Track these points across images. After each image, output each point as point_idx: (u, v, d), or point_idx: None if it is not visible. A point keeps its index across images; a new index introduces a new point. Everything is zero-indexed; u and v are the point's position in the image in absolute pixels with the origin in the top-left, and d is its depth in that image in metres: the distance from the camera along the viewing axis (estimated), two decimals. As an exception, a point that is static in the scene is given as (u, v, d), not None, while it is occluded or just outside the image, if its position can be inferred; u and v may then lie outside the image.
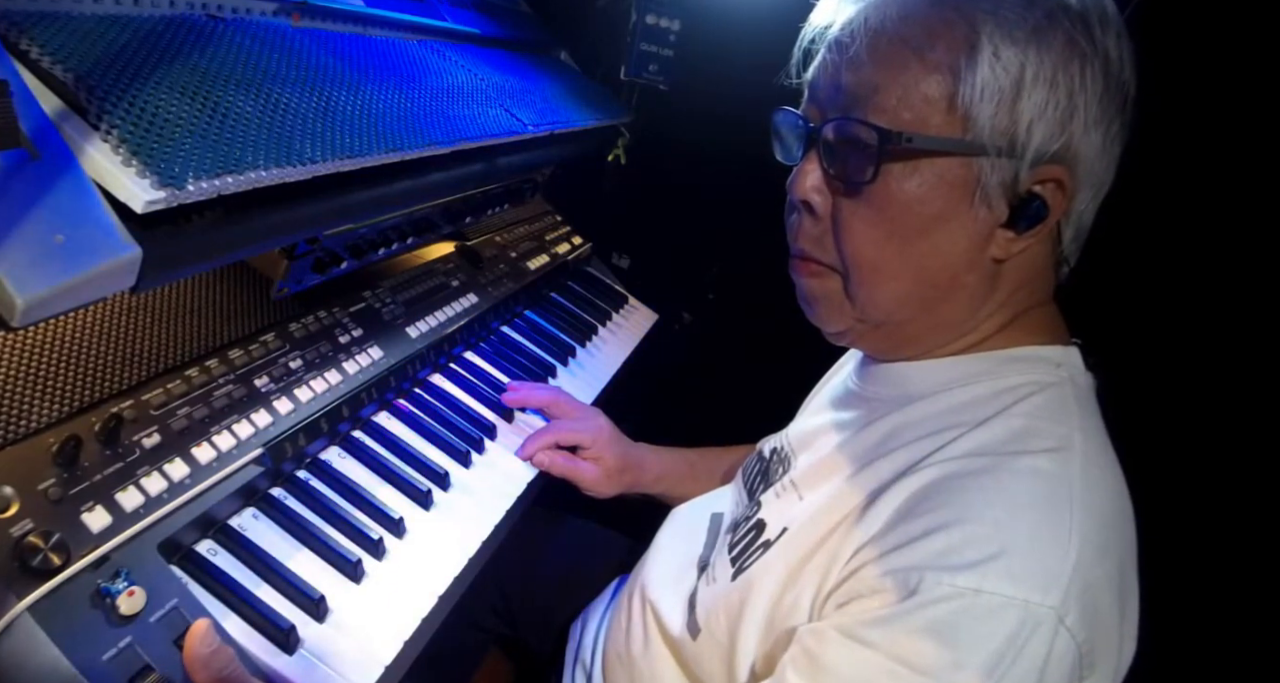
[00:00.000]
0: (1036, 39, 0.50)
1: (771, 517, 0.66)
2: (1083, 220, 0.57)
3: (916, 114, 0.52)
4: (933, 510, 0.50)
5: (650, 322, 1.39)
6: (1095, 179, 0.54)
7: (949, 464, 0.53)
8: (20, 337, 0.62)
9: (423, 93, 0.83)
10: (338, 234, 0.82)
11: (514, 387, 0.96)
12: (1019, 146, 0.51)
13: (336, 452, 0.79)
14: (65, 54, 0.51)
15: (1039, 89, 0.50)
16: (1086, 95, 0.50)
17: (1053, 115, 0.50)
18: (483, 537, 0.79)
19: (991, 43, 0.50)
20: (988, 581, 0.47)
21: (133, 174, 0.48)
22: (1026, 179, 0.52)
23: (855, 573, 0.52)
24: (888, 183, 0.54)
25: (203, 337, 0.74)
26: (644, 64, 1.44)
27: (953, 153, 0.52)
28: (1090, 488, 0.51)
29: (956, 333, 0.60)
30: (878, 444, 0.60)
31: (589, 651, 0.83)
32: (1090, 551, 0.48)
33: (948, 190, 0.53)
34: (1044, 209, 0.53)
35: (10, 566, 0.50)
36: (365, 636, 0.64)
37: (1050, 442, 0.52)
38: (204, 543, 0.64)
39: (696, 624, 0.65)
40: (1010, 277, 0.57)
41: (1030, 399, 0.55)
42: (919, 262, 0.56)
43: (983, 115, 0.50)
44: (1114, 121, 0.53)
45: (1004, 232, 0.54)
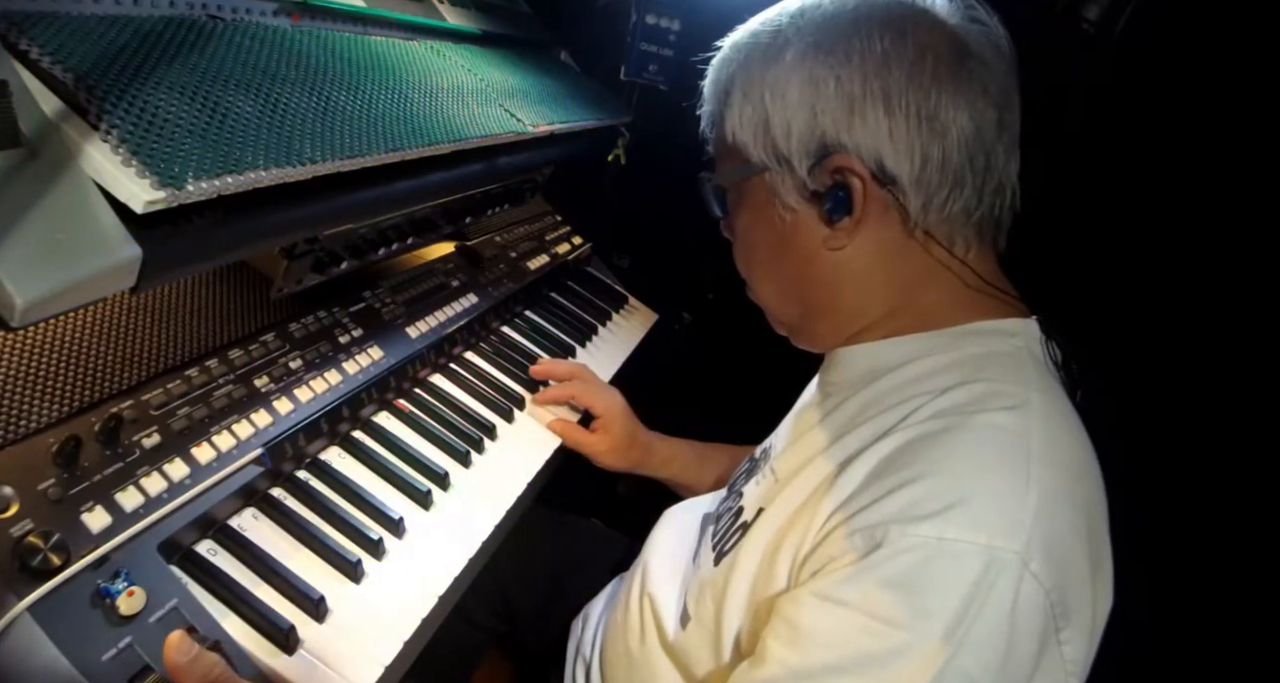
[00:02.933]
0: (769, 67, 0.60)
1: (749, 501, 0.68)
2: (950, 191, 0.58)
3: (721, 158, 0.67)
4: (897, 470, 0.53)
5: (650, 322, 1.39)
6: (912, 150, 0.56)
7: (914, 428, 0.55)
8: (20, 337, 0.62)
9: (422, 93, 0.83)
10: (338, 234, 0.82)
11: (541, 360, 1.06)
12: (786, 155, 0.60)
13: (336, 452, 0.79)
14: (65, 54, 0.51)
15: (778, 106, 0.59)
16: (825, 94, 0.57)
17: (800, 121, 0.58)
18: (483, 537, 0.79)
19: (736, 86, 0.62)
20: (950, 528, 0.48)
21: (132, 174, 0.48)
22: (819, 176, 0.59)
23: (827, 537, 0.53)
24: (734, 213, 0.68)
25: (203, 337, 0.74)
26: (644, 64, 1.44)
27: (745, 178, 0.64)
28: (1050, 443, 0.53)
29: (873, 316, 0.64)
30: (847, 421, 0.63)
31: (589, 646, 0.83)
32: (1051, 501, 0.50)
33: (759, 207, 0.64)
34: (848, 196, 0.58)
35: (10, 566, 0.50)
36: (365, 636, 0.64)
37: (1008, 401, 0.55)
38: (204, 543, 0.64)
39: (687, 614, 0.67)
40: (869, 260, 0.61)
41: (989, 367, 0.58)
42: (769, 266, 0.67)
43: (748, 142, 0.62)
44: (902, 96, 0.55)
45: (827, 225, 0.61)
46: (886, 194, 0.58)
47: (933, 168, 0.57)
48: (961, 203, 0.58)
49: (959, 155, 0.57)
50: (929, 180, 0.57)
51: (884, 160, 0.57)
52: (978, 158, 0.57)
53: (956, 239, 0.60)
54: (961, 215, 0.59)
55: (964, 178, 0.57)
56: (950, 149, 0.56)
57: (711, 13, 1.39)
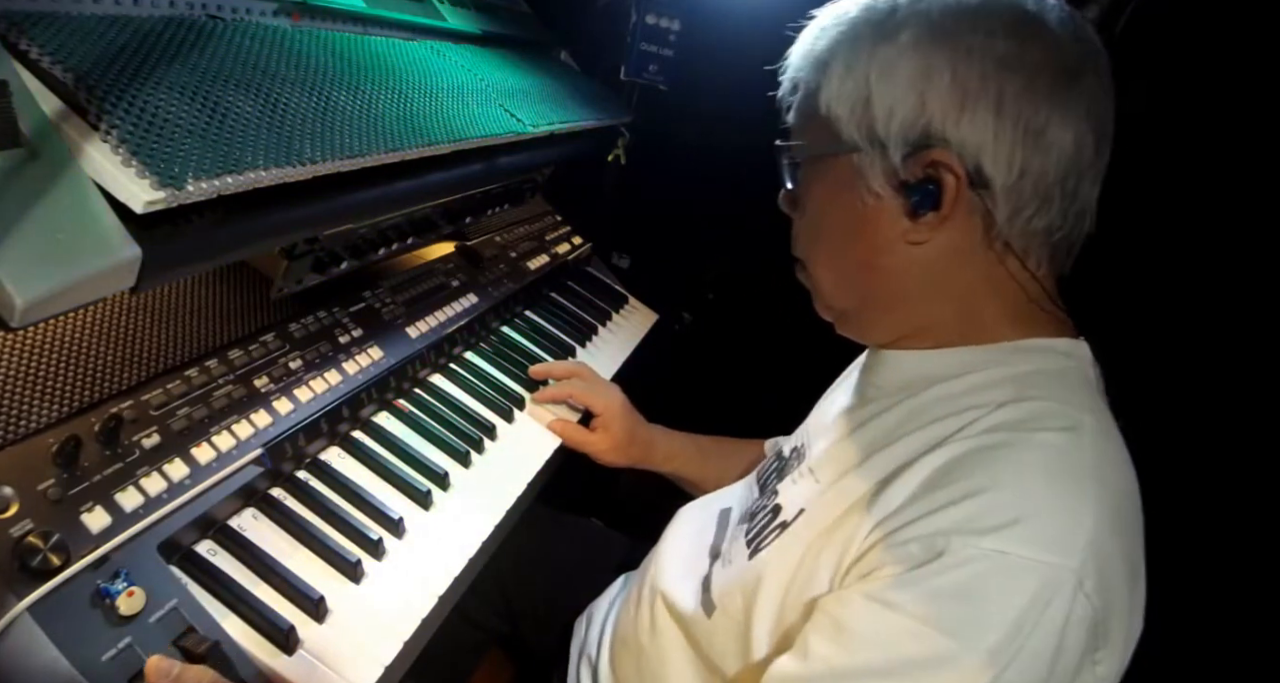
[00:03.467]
0: (880, 46, 0.57)
1: (788, 500, 0.68)
2: (1038, 207, 0.57)
3: (805, 130, 0.64)
4: (957, 481, 0.53)
5: (650, 322, 1.39)
6: (1013, 159, 0.55)
7: (969, 441, 0.55)
8: (20, 337, 0.62)
9: (422, 93, 0.83)
10: (338, 234, 0.82)
11: (538, 396, 1.03)
12: (883, 138, 0.57)
13: (336, 452, 0.79)
14: (65, 54, 0.51)
15: (884, 86, 0.57)
16: (938, 84, 0.55)
17: (906, 106, 0.56)
18: (483, 537, 0.79)
19: (839, 58, 0.59)
20: (1011, 543, 0.48)
21: (132, 174, 0.48)
22: (911, 166, 0.57)
23: (879, 543, 0.53)
24: (806, 188, 0.66)
25: (203, 337, 0.74)
26: (644, 64, 1.44)
27: (833, 154, 0.61)
28: (1101, 465, 0.54)
29: (930, 319, 0.63)
30: (893, 428, 0.62)
31: (594, 644, 0.83)
32: (1105, 521, 0.50)
33: (839, 187, 0.61)
34: (938, 191, 0.57)
35: (10, 566, 0.50)
36: (365, 636, 0.64)
37: (1064, 422, 0.55)
38: (204, 543, 0.64)
39: (711, 603, 0.67)
40: (943, 260, 0.60)
41: (1042, 385, 0.58)
42: (837, 249, 0.65)
43: (844, 119, 0.59)
44: (1016, 103, 0.54)
45: (909, 218, 0.59)
46: (976, 198, 0.56)
47: (1028, 181, 0.55)
48: (1045, 221, 0.57)
49: (1054, 174, 0.56)
50: (1021, 192, 0.56)
51: (983, 163, 0.55)
52: (1070, 180, 0.56)
53: (1031, 255, 0.59)
54: (1042, 233, 0.58)
55: (1053, 197, 0.56)
56: (1048, 166, 0.55)
57: (711, 13, 1.39)
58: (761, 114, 0.71)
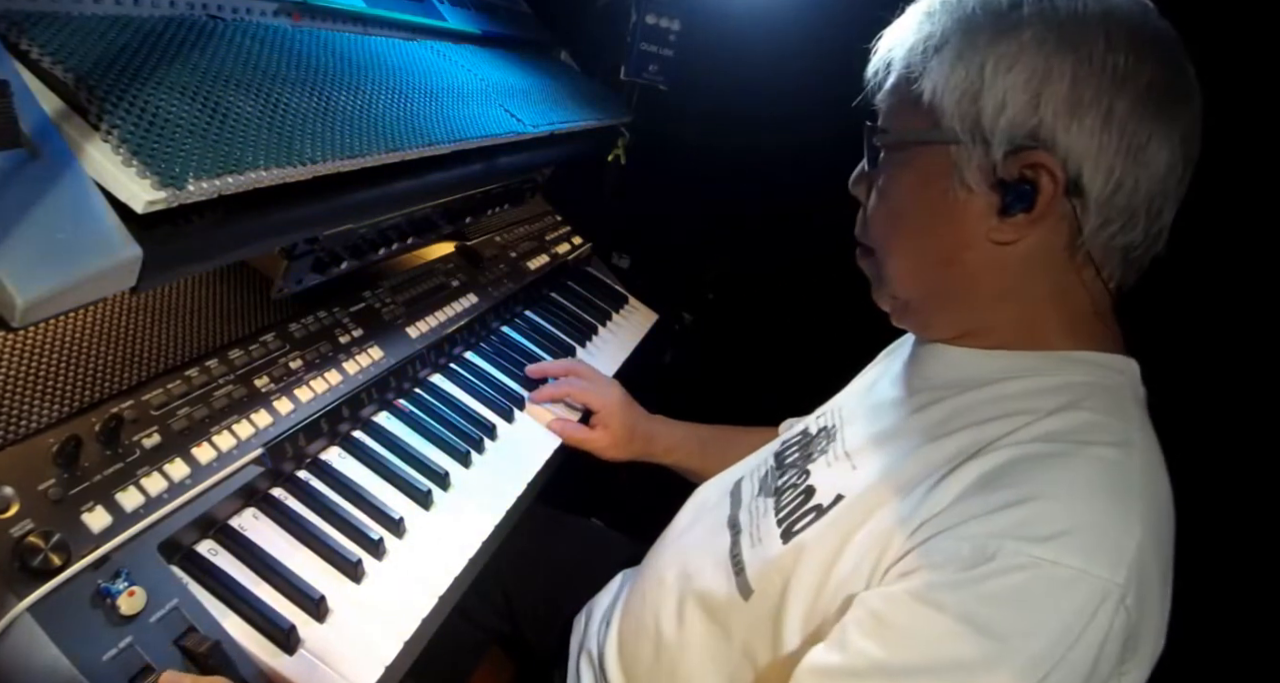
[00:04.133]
0: (1000, 39, 0.56)
1: (823, 483, 0.67)
2: (1124, 224, 0.57)
3: (900, 113, 0.62)
4: (1010, 486, 0.53)
5: (650, 322, 1.39)
6: (1111, 173, 0.55)
7: (1023, 446, 0.55)
8: (20, 337, 0.62)
9: (423, 93, 0.83)
10: (338, 234, 0.82)
11: (536, 395, 1.03)
12: (987, 133, 0.56)
13: (336, 452, 0.79)
14: (65, 54, 0.51)
15: (999, 81, 0.55)
16: (1056, 87, 0.54)
17: (1019, 104, 0.55)
18: (483, 536, 0.79)
19: (954, 46, 0.58)
20: (1064, 553, 0.49)
21: (133, 174, 0.48)
22: (1010, 165, 0.56)
23: (926, 542, 0.54)
24: (890, 172, 0.64)
25: (203, 337, 0.74)
26: (644, 64, 1.44)
27: (929, 142, 0.60)
28: (1148, 482, 0.55)
29: (995, 320, 0.63)
30: (940, 422, 0.62)
31: (595, 639, 0.83)
32: (1149, 539, 0.51)
33: (931, 176, 0.60)
34: (1033, 193, 0.56)
35: (10, 566, 0.50)
36: (366, 635, 0.64)
37: (1115, 436, 0.55)
38: (204, 543, 0.64)
39: (749, 586, 0.66)
40: (1023, 263, 0.60)
41: (1094, 397, 0.58)
42: (917, 239, 0.63)
43: (948, 108, 0.58)
44: (1124, 117, 0.54)
45: (998, 216, 0.59)
46: (1068, 206, 0.56)
47: (1122, 195, 0.56)
48: (1128, 238, 0.58)
49: (1145, 192, 0.56)
50: (1113, 206, 0.56)
51: (1082, 173, 0.55)
52: (1157, 200, 0.57)
53: (1106, 269, 0.60)
54: (1122, 249, 0.58)
55: (1140, 215, 0.57)
56: (1142, 183, 0.56)
57: (711, 13, 1.39)
58: (761, 113, 0.70)
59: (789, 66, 0.65)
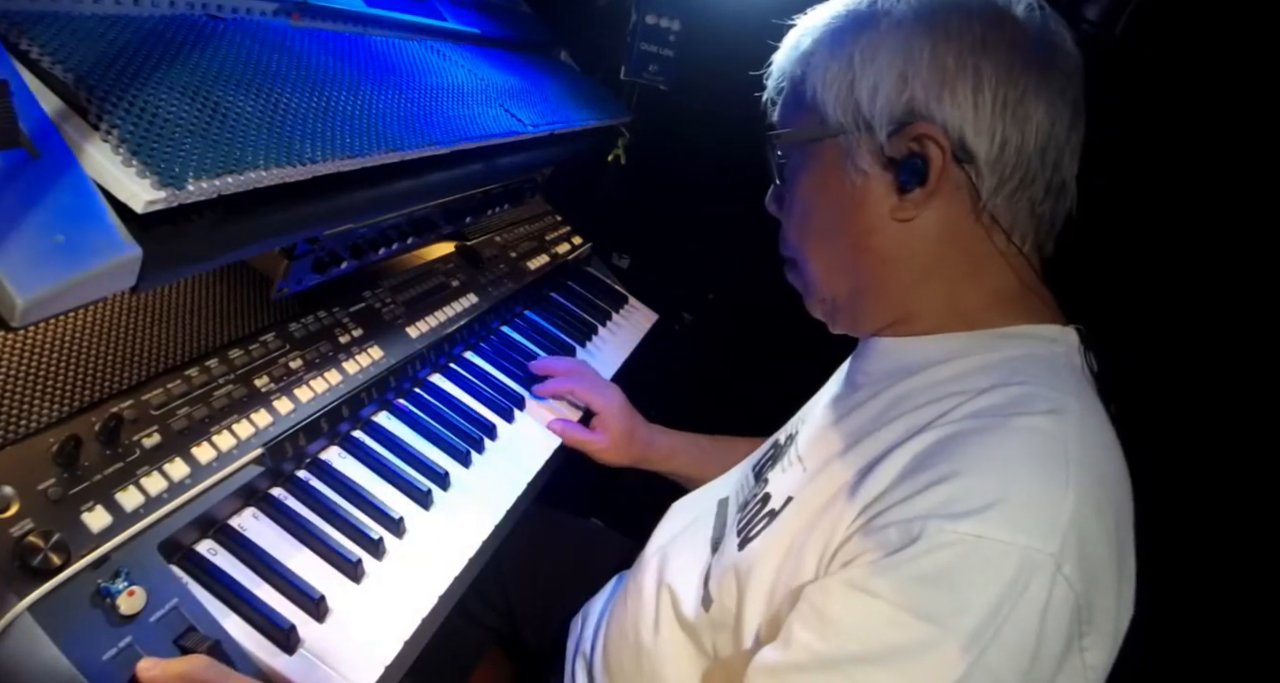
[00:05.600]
0: (862, 32, 0.60)
1: (776, 489, 0.68)
2: (1020, 179, 0.59)
3: (791, 119, 0.67)
4: (934, 466, 0.53)
5: (650, 322, 1.39)
6: (994, 132, 0.57)
7: (951, 426, 0.56)
8: (20, 337, 0.62)
9: (423, 93, 0.83)
10: (338, 234, 0.82)
11: (542, 357, 1.07)
12: (868, 117, 0.60)
13: (336, 452, 0.79)
14: (65, 54, 0.51)
15: (869, 68, 0.59)
16: (919, 62, 0.58)
17: (889, 84, 0.59)
18: (483, 536, 0.79)
19: (823, 45, 0.62)
20: (988, 527, 0.48)
21: (133, 174, 0.48)
22: (896, 143, 0.59)
23: (860, 530, 0.54)
24: (794, 179, 0.67)
25: (203, 337, 0.74)
26: (644, 64, 1.44)
27: (820, 138, 0.63)
28: (1086, 448, 0.53)
29: (920, 303, 0.64)
30: (878, 415, 0.63)
31: (589, 643, 0.83)
32: (1087, 505, 0.50)
33: (826, 170, 0.64)
34: (924, 166, 0.58)
35: (10, 565, 0.50)
36: (365, 635, 0.64)
37: (1047, 406, 0.55)
38: (204, 543, 0.64)
39: (709, 596, 0.67)
40: (932, 238, 0.61)
41: (1027, 370, 0.58)
42: (828, 235, 0.66)
43: (830, 103, 0.61)
44: (993, 78, 0.57)
45: (897, 195, 0.61)
46: (961, 172, 0.59)
47: (1010, 152, 0.58)
48: (1029, 193, 0.59)
49: (1034, 145, 0.58)
50: (1005, 165, 0.58)
51: (965, 137, 0.58)
52: (1049, 152, 0.59)
53: (1016, 229, 0.61)
54: (1026, 206, 0.60)
55: (1035, 169, 0.59)
56: (1028, 138, 0.58)
57: (711, 13, 1.39)
58: (761, 114, 0.71)
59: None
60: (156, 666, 0.51)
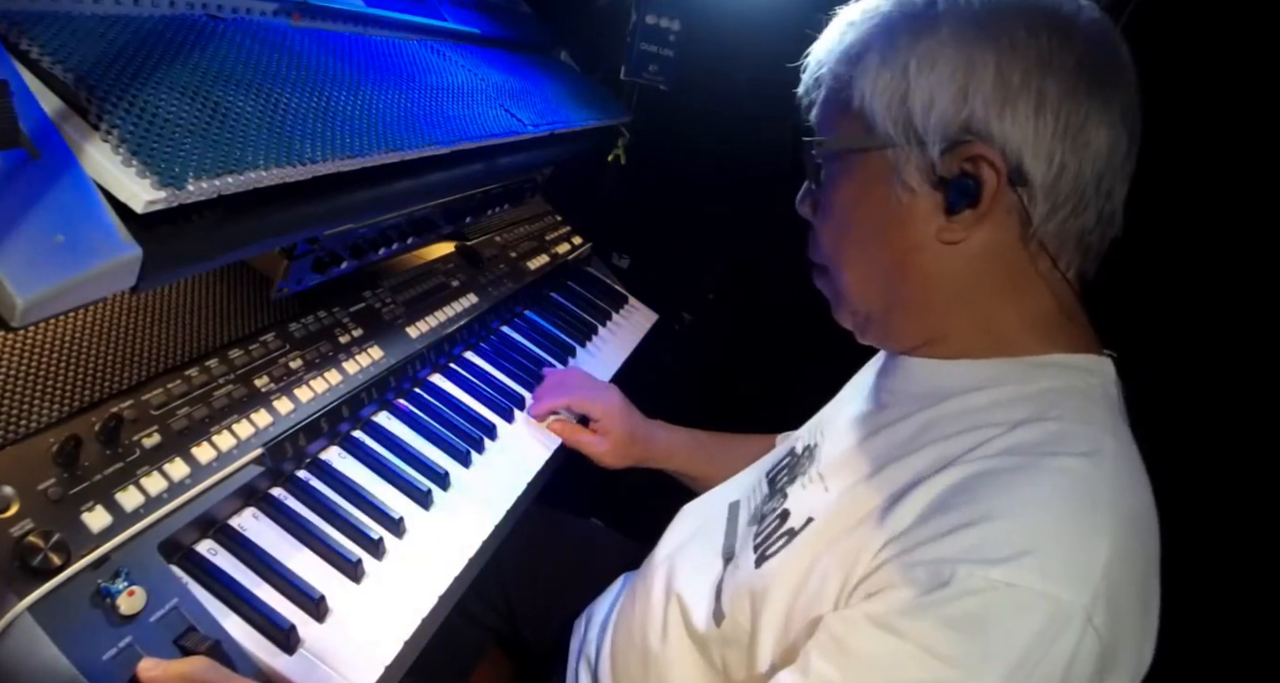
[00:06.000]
0: (919, 38, 0.56)
1: (796, 506, 0.67)
2: (1074, 207, 0.56)
3: (833, 125, 0.62)
4: (966, 505, 0.52)
5: (650, 322, 1.39)
6: (1052, 156, 0.54)
7: (983, 462, 0.54)
8: (20, 337, 0.62)
9: (423, 93, 0.83)
10: (338, 234, 0.82)
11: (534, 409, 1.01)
12: (920, 132, 0.56)
13: (336, 452, 0.79)
14: (65, 54, 0.51)
15: (924, 79, 0.55)
16: (981, 77, 0.54)
17: (947, 98, 0.55)
18: (483, 536, 0.79)
19: (874, 50, 0.58)
20: (1020, 575, 0.47)
21: (133, 174, 0.48)
22: (949, 161, 0.56)
23: (885, 564, 0.52)
24: (833, 186, 0.63)
25: (203, 337, 0.74)
26: (644, 64, 1.44)
27: (866, 148, 0.59)
28: (1120, 492, 0.52)
29: (957, 325, 0.62)
30: (907, 440, 0.61)
31: (594, 645, 0.83)
32: (1119, 552, 0.49)
33: (871, 183, 0.60)
34: (976, 187, 0.55)
35: (10, 565, 0.50)
36: (365, 635, 0.64)
37: (1083, 446, 0.53)
38: (204, 543, 0.64)
39: (721, 611, 0.66)
40: (976, 261, 0.59)
41: (1063, 404, 0.56)
42: (866, 248, 0.63)
43: (879, 113, 0.57)
44: (1057, 99, 0.54)
45: (945, 215, 0.58)
46: (1014, 196, 0.55)
47: (1066, 179, 0.55)
48: (1081, 221, 0.57)
49: (1091, 172, 0.55)
50: (1060, 191, 0.55)
51: (1023, 160, 0.54)
52: (1105, 179, 0.56)
53: (1063, 257, 0.58)
54: (1076, 234, 0.57)
55: (1089, 197, 0.56)
56: (1086, 164, 0.55)
57: (711, 13, 1.39)
58: (761, 114, 0.70)
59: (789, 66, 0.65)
60: (158, 666, 0.51)
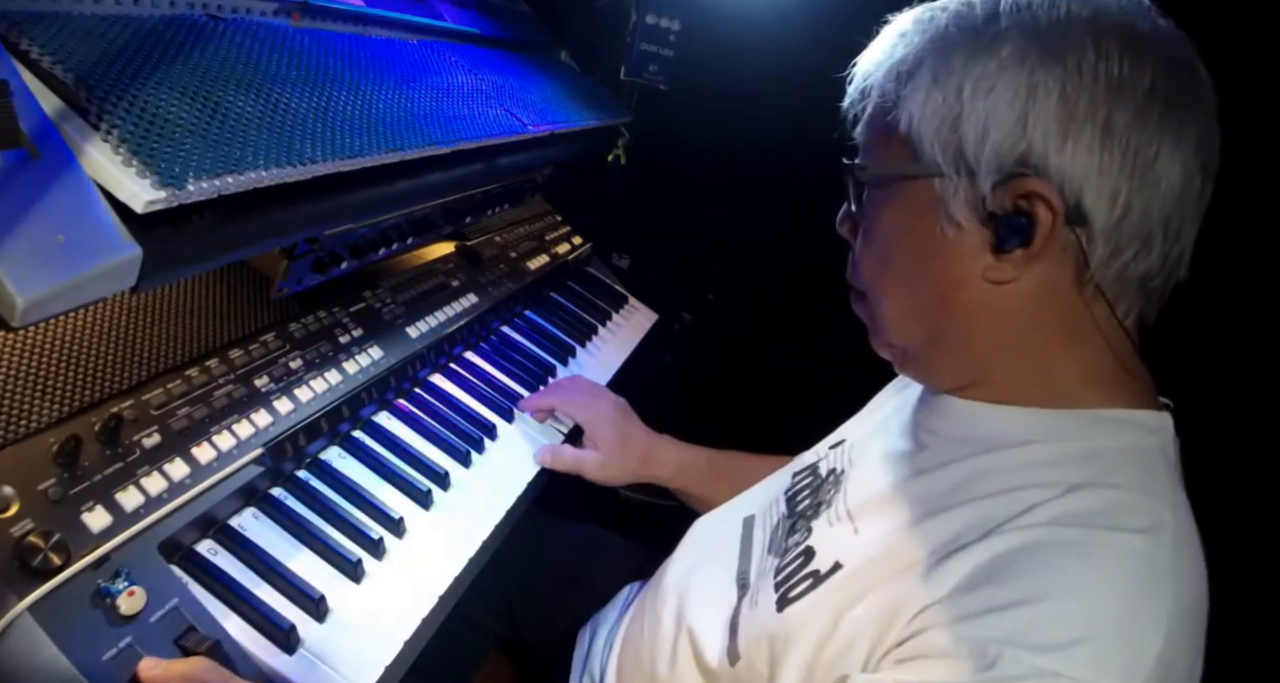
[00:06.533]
0: (977, 57, 0.51)
1: (822, 546, 0.63)
2: (1137, 251, 0.51)
3: (878, 147, 0.58)
4: (1017, 579, 0.48)
5: (650, 322, 1.39)
6: (1117, 195, 0.50)
7: (1036, 531, 0.50)
8: (20, 337, 0.62)
9: (423, 93, 0.83)
10: (338, 234, 0.82)
11: (524, 403, 0.98)
12: (972, 163, 0.51)
13: (336, 452, 0.79)
14: (65, 54, 0.51)
15: (980, 104, 0.51)
16: (1043, 105, 0.49)
17: (1003, 127, 0.50)
18: (483, 537, 0.79)
19: (929, 68, 0.53)
20: (1071, 666, 0.44)
21: (133, 174, 0.48)
22: (1001, 196, 0.51)
23: (924, 631, 0.49)
24: (875, 211, 0.59)
25: (203, 337, 0.74)
26: (644, 64, 1.44)
27: (912, 176, 0.55)
28: (1179, 576, 0.49)
29: (1003, 368, 0.58)
30: (949, 491, 0.56)
31: (598, 660, 0.82)
32: (1173, 642, 0.46)
33: (915, 213, 0.55)
34: (1029, 226, 0.51)
35: (10, 566, 0.50)
36: (365, 636, 0.64)
37: (1145, 520, 0.49)
38: (204, 543, 0.64)
39: (737, 651, 0.62)
40: (1026, 304, 0.54)
41: (1123, 469, 0.52)
42: (907, 282, 0.58)
43: (927, 138, 0.53)
44: (1125, 130, 0.49)
45: (993, 253, 0.53)
46: (1072, 236, 0.50)
47: (1132, 220, 0.50)
48: (1144, 266, 0.52)
49: (1159, 213, 0.50)
50: (1122, 232, 0.50)
51: (1084, 198, 0.49)
52: (1174, 220, 0.51)
53: (1122, 303, 0.53)
54: (1138, 280, 0.52)
55: (1155, 239, 0.51)
56: (1154, 204, 0.50)
57: (711, 13, 1.39)
58: (761, 113, 0.70)
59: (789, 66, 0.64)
60: (158, 666, 0.51)
